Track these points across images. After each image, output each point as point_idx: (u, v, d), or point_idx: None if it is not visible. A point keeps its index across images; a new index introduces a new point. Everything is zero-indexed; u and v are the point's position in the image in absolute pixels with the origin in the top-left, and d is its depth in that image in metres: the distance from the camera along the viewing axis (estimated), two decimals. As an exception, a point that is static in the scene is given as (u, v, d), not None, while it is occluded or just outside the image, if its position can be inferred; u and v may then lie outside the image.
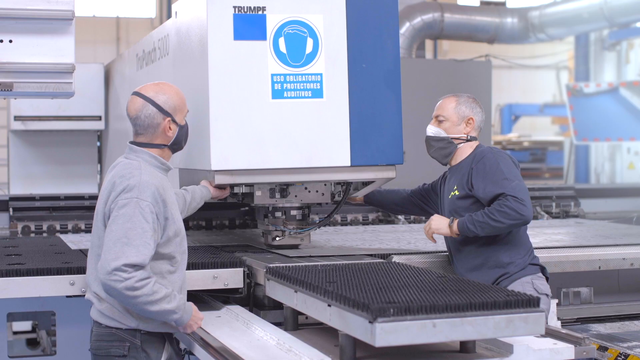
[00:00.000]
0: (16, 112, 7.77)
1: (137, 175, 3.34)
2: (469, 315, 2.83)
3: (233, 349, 3.26)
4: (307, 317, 3.59)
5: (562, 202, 7.60)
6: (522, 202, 3.94)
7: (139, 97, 3.52)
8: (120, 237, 3.21)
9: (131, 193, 3.29)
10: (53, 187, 7.92)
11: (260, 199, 4.45)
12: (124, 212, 3.25)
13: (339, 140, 4.34)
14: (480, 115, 4.31)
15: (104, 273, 3.18)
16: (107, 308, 3.39)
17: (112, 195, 3.34)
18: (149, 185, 3.32)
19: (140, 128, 3.50)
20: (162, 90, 3.54)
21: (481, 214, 3.99)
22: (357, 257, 4.40)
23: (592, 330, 4.69)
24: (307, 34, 4.30)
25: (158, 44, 5.39)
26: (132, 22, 21.57)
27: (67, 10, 4.32)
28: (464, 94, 4.37)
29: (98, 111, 7.83)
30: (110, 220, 3.29)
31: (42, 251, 4.71)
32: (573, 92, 13.72)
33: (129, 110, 3.52)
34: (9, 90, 4.32)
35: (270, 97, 4.24)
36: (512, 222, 3.94)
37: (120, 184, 3.33)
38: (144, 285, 3.18)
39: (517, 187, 3.99)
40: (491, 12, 11.96)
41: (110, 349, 3.40)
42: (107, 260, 3.18)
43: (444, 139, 4.29)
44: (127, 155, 3.52)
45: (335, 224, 6.66)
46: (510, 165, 4.10)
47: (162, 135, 3.52)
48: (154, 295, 3.21)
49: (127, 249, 3.18)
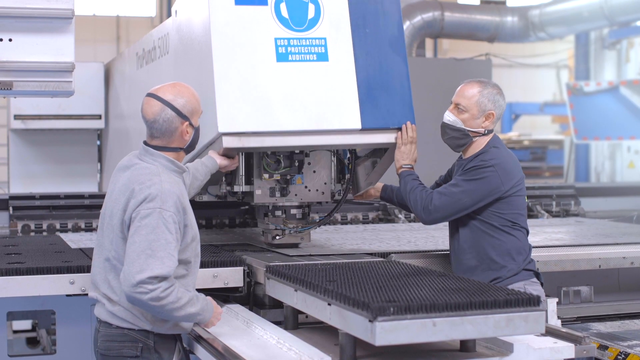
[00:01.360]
0: (16, 110, 7.77)
1: (157, 183, 3.27)
2: (469, 314, 2.83)
3: (233, 347, 3.25)
4: (307, 316, 3.59)
5: (562, 201, 7.60)
6: (429, 210, 4.06)
7: (157, 99, 3.39)
8: (144, 248, 3.14)
9: (153, 203, 3.21)
10: (53, 186, 7.92)
11: (260, 198, 4.45)
12: (147, 223, 3.18)
13: (348, 103, 4.26)
14: (501, 108, 4.17)
15: (128, 286, 3.13)
16: (119, 310, 3.33)
17: (131, 202, 3.25)
18: (171, 194, 3.26)
19: (157, 132, 3.40)
20: (181, 93, 3.43)
21: (411, 186, 4.16)
22: (357, 255, 4.40)
23: (592, 329, 4.68)
24: (309, 0, 4.29)
25: (158, 43, 5.39)
26: (132, 21, 21.57)
27: (67, 9, 4.33)
28: (489, 83, 4.21)
29: (98, 110, 7.84)
30: (132, 231, 3.21)
31: (42, 250, 4.71)
32: (573, 91, 13.72)
33: (146, 113, 3.42)
34: (9, 89, 4.33)
35: (275, 60, 4.19)
36: (414, 210, 4.15)
37: (141, 191, 3.25)
38: (169, 293, 3.15)
39: (447, 197, 4.04)
40: (491, 10, 11.95)
41: (122, 350, 3.35)
42: (132, 273, 3.12)
43: (460, 129, 4.16)
44: (142, 157, 3.42)
45: (335, 222, 6.66)
46: (481, 179, 4.03)
47: (179, 139, 3.43)
48: (179, 301, 3.20)
49: (152, 261, 3.13)
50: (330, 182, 4.58)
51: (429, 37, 11.86)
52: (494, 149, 4.13)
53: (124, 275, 3.17)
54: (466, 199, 4.03)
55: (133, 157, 3.48)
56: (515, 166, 4.13)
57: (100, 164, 8.35)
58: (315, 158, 4.53)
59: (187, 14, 4.66)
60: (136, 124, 6.56)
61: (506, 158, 4.12)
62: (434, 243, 5.07)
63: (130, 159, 3.48)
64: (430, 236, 5.50)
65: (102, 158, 8.29)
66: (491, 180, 4.02)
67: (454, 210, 4.06)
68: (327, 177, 4.57)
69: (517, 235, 4.10)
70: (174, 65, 4.92)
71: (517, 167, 4.15)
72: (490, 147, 4.14)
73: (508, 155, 4.16)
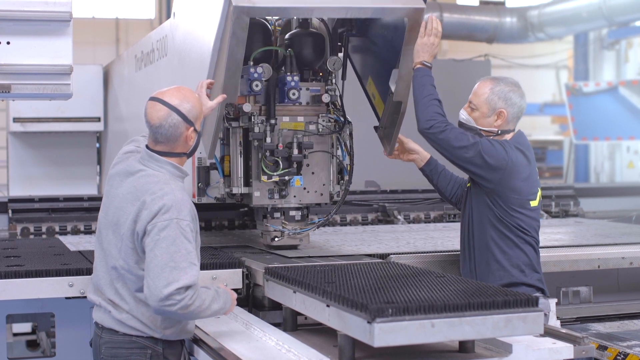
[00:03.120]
0: (15, 113, 7.78)
1: (170, 192, 3.23)
2: (468, 315, 2.83)
3: (232, 350, 3.25)
4: (306, 318, 3.59)
5: (561, 202, 7.59)
6: (434, 131, 3.87)
7: (163, 104, 3.33)
8: (167, 261, 3.12)
9: (170, 214, 3.18)
10: (52, 188, 7.93)
11: (258, 200, 4.45)
12: (166, 235, 3.16)
13: None
14: (515, 106, 4.07)
15: (156, 300, 3.11)
16: (128, 318, 3.32)
17: (144, 214, 3.21)
18: (185, 202, 3.24)
19: (162, 137, 3.34)
20: (186, 97, 3.37)
21: (425, 94, 3.94)
22: (356, 257, 4.40)
23: (591, 330, 4.68)
24: None
25: (157, 45, 5.39)
26: (131, 24, 21.57)
27: (65, 11, 4.32)
28: (503, 80, 4.13)
29: (97, 112, 7.85)
30: (150, 245, 3.17)
31: (41, 253, 4.71)
32: (572, 92, 13.73)
33: (151, 118, 3.33)
34: (7, 91, 4.33)
35: None
36: (421, 118, 3.92)
37: (153, 202, 3.21)
38: (195, 299, 3.16)
39: (458, 132, 3.89)
40: (490, 11, 11.97)
41: (131, 357, 3.34)
42: (158, 288, 3.10)
43: (472, 128, 4.09)
44: (146, 163, 3.37)
45: (334, 224, 6.66)
46: (493, 145, 3.94)
47: (183, 144, 3.39)
48: (204, 303, 3.22)
49: (176, 273, 3.11)
50: (329, 183, 4.59)
51: (428, 38, 11.85)
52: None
53: (149, 290, 3.14)
54: (472, 148, 3.89)
55: (134, 162, 3.42)
56: (528, 170, 4.03)
57: (100, 166, 8.36)
58: (314, 159, 4.54)
59: (187, 16, 4.67)
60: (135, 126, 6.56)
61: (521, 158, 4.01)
62: (433, 244, 5.07)
63: (131, 164, 3.41)
64: (430, 237, 5.50)
65: (101, 160, 8.30)
66: (499, 150, 3.93)
67: (452, 147, 3.91)
68: (326, 179, 4.58)
69: (527, 250, 4.04)
70: (173, 68, 4.92)
71: (533, 175, 4.06)
72: None
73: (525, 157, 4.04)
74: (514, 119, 4.11)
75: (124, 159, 3.50)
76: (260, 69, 4.29)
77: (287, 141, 4.42)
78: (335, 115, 4.54)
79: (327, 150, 4.54)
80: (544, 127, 23.95)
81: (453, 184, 4.43)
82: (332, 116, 4.54)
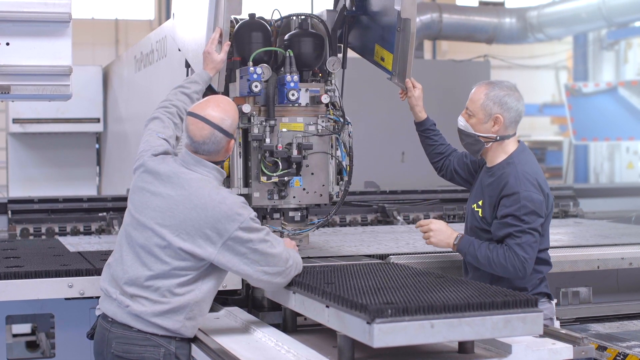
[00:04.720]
0: (15, 114, 7.79)
1: (229, 197, 3.35)
2: (467, 316, 2.83)
3: (232, 350, 3.26)
4: (305, 319, 3.60)
5: (561, 202, 7.59)
6: (525, 261, 3.75)
7: (205, 122, 3.41)
8: (267, 252, 3.32)
9: (242, 216, 3.29)
10: (52, 189, 7.93)
11: (258, 200, 4.45)
12: (252, 237, 3.30)
13: None
14: (512, 111, 3.95)
15: (282, 277, 3.38)
16: (150, 314, 3.32)
17: (210, 219, 3.28)
18: (243, 199, 3.39)
19: (204, 151, 3.45)
20: (227, 113, 3.46)
21: (485, 256, 3.81)
22: (355, 258, 4.40)
23: (590, 330, 4.68)
24: None
25: (156, 46, 5.39)
26: (131, 25, 21.57)
27: (64, 12, 4.32)
28: (499, 84, 4.01)
29: (97, 113, 7.85)
30: (243, 251, 3.28)
31: (40, 254, 4.71)
32: (572, 92, 13.74)
33: (194, 136, 3.42)
34: (7, 92, 4.33)
35: None
36: (506, 275, 3.82)
37: (220, 207, 3.29)
38: (295, 255, 3.51)
39: (527, 238, 3.76)
40: (489, 12, 11.97)
41: (144, 354, 3.34)
42: (279, 267, 3.35)
43: (471, 135, 4.02)
44: (191, 167, 3.44)
45: (334, 224, 6.66)
46: (530, 201, 3.79)
47: (224, 154, 3.51)
48: (296, 255, 3.52)
49: (280, 249, 3.38)
50: (329, 184, 4.59)
51: (427, 39, 11.89)
52: (512, 161, 3.94)
53: (269, 278, 3.35)
54: (535, 233, 3.80)
55: (175, 164, 3.47)
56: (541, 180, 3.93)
57: (99, 167, 8.36)
58: (314, 160, 4.54)
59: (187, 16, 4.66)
60: (135, 127, 6.56)
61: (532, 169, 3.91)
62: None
63: (173, 166, 3.46)
64: (429, 238, 5.49)
65: (100, 161, 8.30)
66: (533, 196, 3.81)
67: (536, 247, 3.84)
68: (325, 179, 4.57)
69: (543, 269, 3.99)
70: (172, 68, 4.92)
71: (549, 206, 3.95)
72: (510, 159, 3.95)
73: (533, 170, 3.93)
74: (512, 123, 3.99)
75: (160, 160, 3.51)
76: (260, 70, 4.29)
77: (287, 142, 4.42)
78: (335, 116, 4.54)
79: (326, 151, 4.55)
80: (544, 127, 23.97)
81: (444, 160, 4.42)
82: (332, 117, 4.54)
